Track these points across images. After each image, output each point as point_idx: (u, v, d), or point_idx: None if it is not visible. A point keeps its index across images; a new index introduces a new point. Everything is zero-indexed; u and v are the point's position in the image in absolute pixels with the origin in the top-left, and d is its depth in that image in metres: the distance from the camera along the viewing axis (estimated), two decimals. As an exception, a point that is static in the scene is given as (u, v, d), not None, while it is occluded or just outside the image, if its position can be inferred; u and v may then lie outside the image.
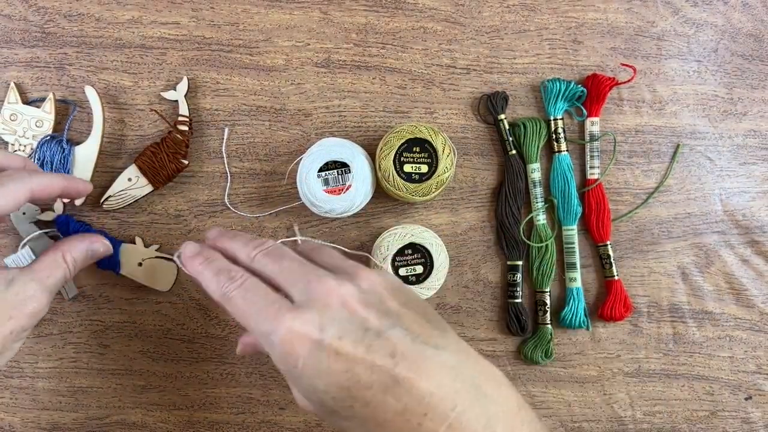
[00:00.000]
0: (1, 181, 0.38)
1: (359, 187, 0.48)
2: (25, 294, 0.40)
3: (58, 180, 0.42)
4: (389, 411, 0.33)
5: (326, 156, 0.48)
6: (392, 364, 0.33)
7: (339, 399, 0.33)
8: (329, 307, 0.34)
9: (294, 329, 0.33)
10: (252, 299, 0.36)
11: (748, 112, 0.55)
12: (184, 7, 0.52)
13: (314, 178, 0.48)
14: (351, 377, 0.33)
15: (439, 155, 0.48)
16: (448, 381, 0.33)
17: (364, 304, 0.35)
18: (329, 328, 0.33)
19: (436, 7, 0.53)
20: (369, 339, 0.33)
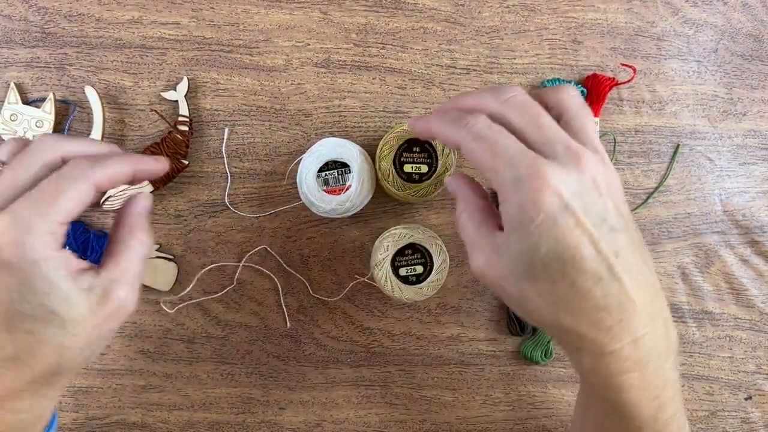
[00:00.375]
0: (59, 184, 0.35)
1: (359, 187, 0.48)
2: (108, 297, 0.37)
3: (126, 166, 0.38)
4: (590, 301, 0.33)
5: (326, 156, 0.48)
6: (614, 262, 0.33)
7: (549, 269, 0.33)
8: (583, 179, 0.33)
9: (550, 181, 0.33)
10: (502, 142, 0.34)
11: (747, 112, 0.55)
12: (184, 7, 0.52)
13: (314, 178, 0.48)
14: (576, 253, 0.33)
15: (439, 155, 0.48)
16: (648, 301, 0.34)
17: (607, 191, 0.34)
18: (579, 198, 0.33)
19: (436, 8, 0.53)
20: (604, 229, 0.33)
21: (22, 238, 0.33)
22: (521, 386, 0.54)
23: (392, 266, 0.49)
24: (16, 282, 0.34)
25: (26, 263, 0.33)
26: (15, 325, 0.34)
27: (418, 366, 0.54)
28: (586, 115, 0.37)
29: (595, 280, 0.33)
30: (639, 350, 0.34)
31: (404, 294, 0.49)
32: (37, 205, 0.34)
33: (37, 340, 0.35)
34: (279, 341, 0.53)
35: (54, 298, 0.34)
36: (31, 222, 0.34)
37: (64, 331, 0.35)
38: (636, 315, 0.34)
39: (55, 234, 0.34)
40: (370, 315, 0.54)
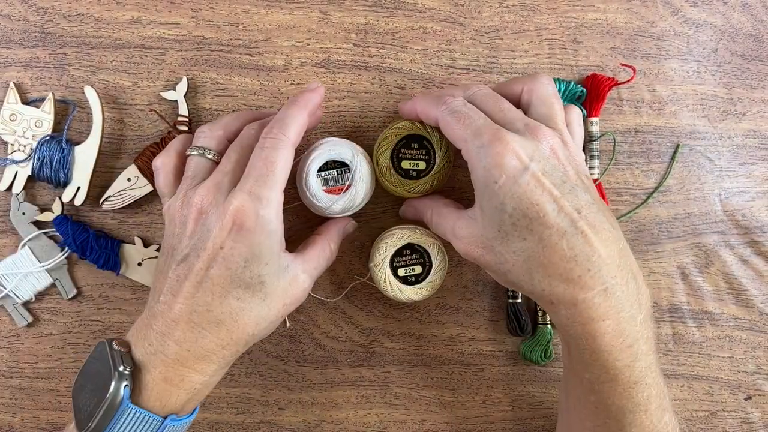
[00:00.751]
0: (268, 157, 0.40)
1: (359, 186, 0.48)
2: (296, 281, 0.42)
3: (304, 117, 0.43)
4: (558, 254, 0.36)
5: (326, 156, 0.48)
6: (576, 216, 0.36)
7: (518, 226, 0.37)
8: (541, 146, 0.38)
9: (510, 146, 0.37)
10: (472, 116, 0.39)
11: (747, 112, 0.55)
12: (183, 7, 0.52)
13: (314, 178, 0.48)
14: (539, 209, 0.36)
15: (437, 151, 0.48)
16: (615, 255, 0.37)
17: (567, 160, 0.39)
18: (538, 162, 0.37)
19: (435, 7, 0.53)
20: (565, 188, 0.37)
21: (261, 210, 0.38)
22: (521, 386, 0.54)
23: (391, 267, 0.49)
24: (247, 250, 0.38)
25: (263, 234, 0.38)
26: (230, 292, 0.39)
27: (417, 366, 0.54)
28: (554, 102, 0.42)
29: (560, 234, 0.36)
30: (610, 298, 0.37)
31: (403, 294, 0.49)
32: (261, 180, 0.39)
33: (242, 308, 0.39)
34: (278, 341, 0.53)
35: (269, 269, 0.39)
36: (263, 195, 0.39)
37: (264, 302, 0.40)
38: (604, 265, 0.36)
39: (281, 203, 0.40)
40: (369, 315, 0.54)
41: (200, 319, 0.39)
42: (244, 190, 0.38)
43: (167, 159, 0.45)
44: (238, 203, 0.38)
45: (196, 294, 0.39)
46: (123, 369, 0.38)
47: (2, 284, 0.51)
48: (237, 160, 0.41)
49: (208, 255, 0.38)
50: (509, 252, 0.38)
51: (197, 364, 0.39)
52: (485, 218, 0.39)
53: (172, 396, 0.39)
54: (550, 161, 0.38)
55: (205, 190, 0.40)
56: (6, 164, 0.50)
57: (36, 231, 0.51)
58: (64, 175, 0.50)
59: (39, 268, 0.51)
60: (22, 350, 0.53)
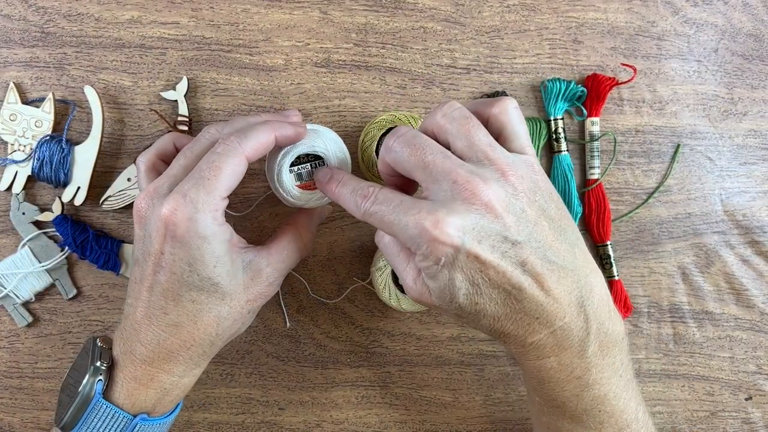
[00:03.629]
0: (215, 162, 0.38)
1: None
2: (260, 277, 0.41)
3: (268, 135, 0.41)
4: (508, 308, 0.36)
5: (299, 149, 0.43)
6: (520, 273, 0.36)
7: (470, 294, 0.36)
8: (471, 209, 0.35)
9: (435, 235, 0.34)
10: (390, 212, 0.37)
11: (748, 112, 0.55)
12: (183, 7, 0.52)
13: (287, 174, 0.44)
14: (483, 277, 0.35)
15: None
16: (564, 296, 0.37)
17: (506, 210, 0.36)
18: (470, 233, 0.35)
19: (436, 7, 0.53)
20: (505, 247, 0.35)
21: (193, 215, 0.37)
22: (521, 386, 0.54)
23: (393, 274, 0.49)
24: (188, 256, 0.38)
25: (198, 238, 0.37)
26: (182, 295, 0.38)
27: (417, 366, 0.54)
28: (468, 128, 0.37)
29: (506, 293, 0.36)
30: (556, 338, 0.37)
31: (401, 303, 0.49)
32: (200, 183, 0.38)
33: (199, 309, 0.39)
34: (278, 341, 0.53)
35: (219, 271, 0.39)
36: (199, 200, 0.37)
37: (223, 302, 0.39)
38: (552, 310, 0.36)
39: (219, 209, 0.39)
40: (369, 315, 0.54)
41: (159, 322, 0.39)
42: (179, 193, 0.37)
43: (148, 156, 0.44)
44: (168, 208, 0.37)
45: (151, 298, 0.39)
46: (99, 364, 0.39)
47: (2, 284, 0.51)
48: (184, 165, 0.40)
49: (153, 261, 0.38)
50: (462, 313, 0.37)
51: (164, 365, 0.40)
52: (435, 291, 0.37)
53: (141, 395, 0.40)
54: (484, 224, 0.35)
55: (144, 194, 0.39)
56: (6, 164, 0.50)
57: (36, 231, 0.51)
58: (64, 175, 0.50)
59: (39, 268, 0.51)
60: (22, 350, 0.52)
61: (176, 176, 0.39)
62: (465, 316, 0.37)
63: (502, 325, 0.37)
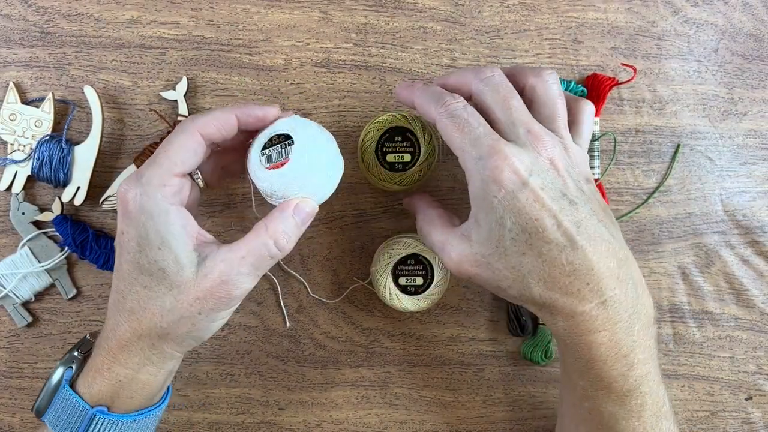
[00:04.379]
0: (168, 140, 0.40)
1: (306, 158, 0.40)
2: (212, 274, 0.38)
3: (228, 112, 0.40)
4: (557, 268, 0.37)
5: (268, 132, 0.41)
6: (575, 231, 0.36)
7: (517, 241, 0.36)
8: (540, 158, 0.37)
9: (509, 160, 0.36)
10: (471, 124, 0.38)
11: (748, 112, 0.55)
12: (183, 7, 0.52)
13: (256, 156, 0.40)
14: (539, 224, 0.36)
15: (422, 143, 0.48)
16: (614, 267, 0.37)
17: (566, 172, 0.38)
18: (536, 176, 0.37)
19: (436, 7, 0.53)
20: (564, 202, 0.37)
21: (140, 190, 0.38)
22: (521, 386, 0.54)
23: (393, 274, 0.49)
24: (135, 233, 0.38)
25: (145, 214, 0.38)
26: (136, 278, 0.39)
27: (417, 366, 0.54)
28: (557, 103, 0.40)
29: (559, 248, 0.36)
30: (607, 310, 0.37)
31: (401, 303, 0.49)
32: (152, 161, 0.39)
33: (148, 296, 0.39)
34: (278, 341, 0.53)
35: (165, 254, 0.38)
36: (146, 175, 0.38)
37: (170, 292, 0.38)
38: (603, 278, 0.37)
39: (171, 186, 0.39)
40: (369, 315, 0.54)
41: (119, 307, 0.40)
42: (136, 173, 0.39)
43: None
44: (123, 186, 0.39)
45: (116, 282, 0.40)
46: (77, 354, 0.41)
47: (2, 284, 0.51)
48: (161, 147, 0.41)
49: (117, 241, 0.40)
50: (507, 267, 0.37)
51: (118, 355, 0.40)
52: (482, 234, 0.38)
53: (96, 383, 0.40)
54: (549, 174, 0.37)
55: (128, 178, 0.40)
56: (6, 164, 0.50)
57: (36, 231, 0.51)
58: (64, 175, 0.50)
59: (39, 268, 0.51)
60: (22, 350, 0.52)
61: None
62: (509, 274, 0.37)
63: (551, 288, 0.37)
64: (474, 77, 0.41)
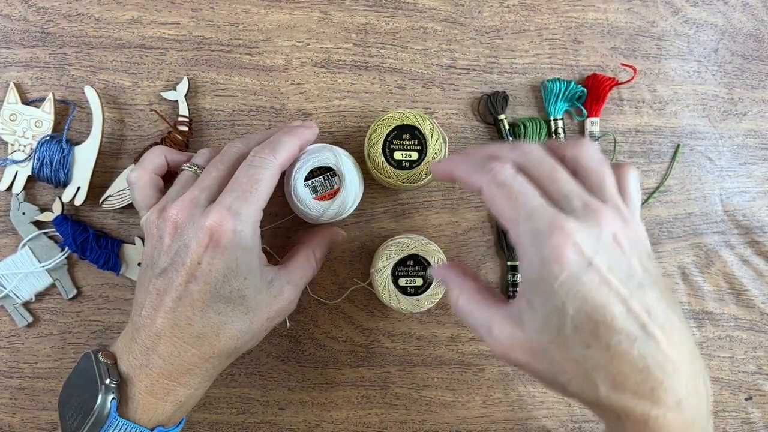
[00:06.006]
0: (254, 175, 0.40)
1: (348, 188, 0.47)
2: (282, 295, 0.43)
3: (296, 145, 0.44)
4: (628, 363, 0.31)
5: (310, 164, 0.47)
6: (647, 319, 0.32)
7: (580, 330, 0.32)
8: (603, 235, 0.32)
9: (571, 237, 0.31)
10: (526, 194, 0.33)
11: (748, 112, 0.55)
12: (183, 7, 0.52)
13: (302, 188, 0.47)
14: (606, 312, 0.31)
15: (428, 141, 0.48)
16: (687, 359, 0.33)
17: (631, 246, 0.33)
18: (602, 255, 0.32)
19: (436, 7, 0.53)
20: (633, 284, 0.32)
21: (237, 226, 0.38)
22: (521, 386, 0.54)
23: (392, 275, 0.49)
24: (225, 266, 0.38)
25: (239, 249, 0.38)
26: (210, 306, 0.39)
27: (417, 366, 0.54)
28: (604, 170, 0.36)
29: (630, 339, 0.31)
30: (684, 413, 0.32)
31: (401, 304, 0.49)
32: (243, 196, 0.39)
33: (222, 322, 0.39)
34: (278, 341, 0.53)
35: (249, 284, 0.39)
36: (242, 211, 0.39)
37: (246, 317, 0.40)
38: (677, 375, 0.32)
39: (258, 221, 0.40)
40: (369, 315, 0.54)
41: (182, 333, 0.39)
42: (223, 205, 0.39)
43: (142, 172, 0.44)
44: (215, 218, 0.38)
45: (177, 309, 0.39)
46: (110, 382, 0.38)
47: (2, 284, 0.51)
48: (217, 176, 0.41)
49: (187, 270, 0.38)
50: (569, 360, 0.32)
51: (181, 378, 0.39)
52: (537, 319, 0.33)
53: (159, 409, 0.39)
54: (614, 253, 0.32)
55: (181, 204, 0.40)
56: (6, 164, 0.50)
57: (36, 231, 0.51)
58: (64, 175, 0.50)
59: (39, 268, 0.51)
60: (22, 350, 0.52)
61: (211, 188, 0.41)
62: (569, 368, 0.33)
63: (620, 388, 0.32)
64: (511, 152, 0.36)
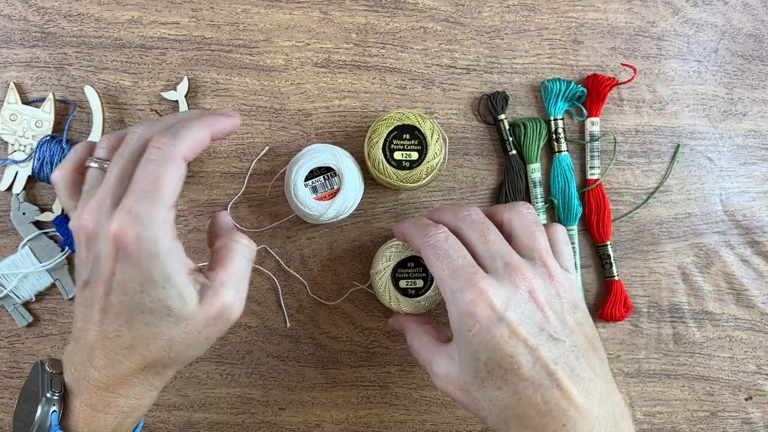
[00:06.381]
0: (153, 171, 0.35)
1: (348, 188, 0.48)
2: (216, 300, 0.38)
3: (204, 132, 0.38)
4: (533, 407, 0.35)
5: (310, 164, 0.48)
6: (554, 369, 0.35)
7: (493, 375, 0.36)
8: (518, 292, 0.37)
9: (484, 294, 0.36)
10: (451, 255, 0.38)
11: (748, 112, 0.55)
12: (184, 7, 0.52)
13: (302, 189, 0.48)
14: (514, 361, 0.35)
15: (428, 141, 0.48)
16: (595, 406, 0.36)
17: (548, 305, 0.37)
18: (513, 310, 0.36)
19: (436, 7, 0.53)
20: (543, 338, 0.36)
21: (141, 231, 0.34)
22: (521, 386, 0.54)
23: (392, 277, 0.49)
24: (138, 275, 0.35)
25: (149, 256, 0.35)
26: (134, 317, 0.36)
27: (418, 366, 0.54)
28: (535, 230, 0.40)
29: (534, 387, 0.35)
30: None
31: (401, 306, 0.49)
32: (143, 197, 0.35)
33: (152, 333, 0.36)
34: (279, 341, 0.53)
35: (170, 292, 0.36)
36: (143, 213, 0.34)
37: (177, 326, 0.37)
38: (580, 419, 0.35)
39: (168, 221, 0.36)
40: (370, 315, 0.54)
41: (113, 345, 0.37)
42: (123, 210, 0.34)
43: (62, 172, 0.39)
44: (116, 226, 0.34)
45: (104, 321, 0.36)
46: (51, 395, 0.37)
47: (2, 284, 0.51)
48: (119, 174, 0.36)
49: (104, 282, 0.36)
50: (485, 399, 0.37)
51: (120, 389, 0.38)
52: (462, 362, 0.38)
53: (100, 421, 0.38)
54: (527, 308, 0.36)
55: (88, 212, 0.36)
56: (6, 164, 0.50)
57: (36, 231, 0.51)
58: (65, 175, 0.50)
59: (39, 268, 0.51)
60: (22, 350, 0.53)
61: (115, 187, 0.36)
62: (486, 406, 0.37)
63: (525, 427, 0.36)
64: (452, 216, 0.41)
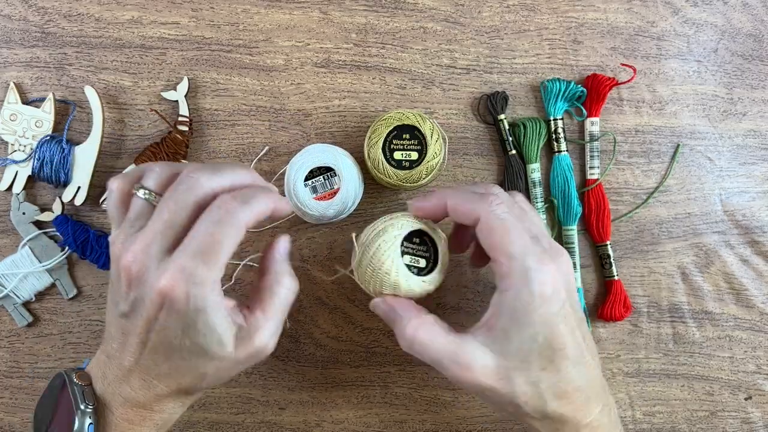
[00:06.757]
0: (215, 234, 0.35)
1: (348, 187, 0.48)
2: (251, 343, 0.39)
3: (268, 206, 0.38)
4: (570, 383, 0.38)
5: (310, 164, 0.48)
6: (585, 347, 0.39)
7: (542, 357, 0.37)
8: (568, 273, 0.39)
9: (555, 276, 0.37)
10: (518, 232, 0.37)
11: (748, 112, 0.55)
12: (183, 7, 0.52)
13: (302, 189, 0.48)
14: (563, 341, 0.37)
15: (428, 141, 0.48)
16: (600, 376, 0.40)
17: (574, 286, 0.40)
18: (569, 290, 0.38)
19: (436, 7, 0.53)
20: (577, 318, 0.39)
21: (192, 290, 0.35)
22: (521, 386, 0.54)
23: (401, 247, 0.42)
24: (182, 324, 0.36)
25: (195, 311, 0.36)
26: (173, 354, 0.37)
27: (418, 366, 0.54)
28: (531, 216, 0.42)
29: (573, 364, 0.37)
30: (604, 417, 0.39)
31: (402, 285, 0.42)
32: (201, 257, 0.35)
33: (188, 366, 0.38)
34: (279, 341, 0.53)
35: (209, 339, 0.37)
36: (197, 274, 0.35)
37: (211, 363, 0.38)
38: (598, 389, 0.39)
39: (218, 280, 0.37)
40: (370, 315, 0.54)
41: (150, 371, 0.38)
42: (176, 266, 0.35)
43: (123, 184, 0.39)
44: (167, 282, 0.34)
45: (143, 351, 0.38)
46: (85, 407, 0.38)
47: (2, 284, 0.51)
48: (168, 221, 0.36)
49: (145, 322, 0.36)
50: (528, 382, 0.37)
51: (155, 405, 0.39)
52: (510, 346, 0.37)
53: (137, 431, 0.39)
54: (573, 289, 0.39)
55: (132, 255, 0.36)
56: (6, 164, 0.50)
57: (36, 231, 0.51)
58: (64, 175, 0.50)
59: (39, 268, 0.51)
60: (22, 350, 0.53)
61: (163, 233, 0.36)
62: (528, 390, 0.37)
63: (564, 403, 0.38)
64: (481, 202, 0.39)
